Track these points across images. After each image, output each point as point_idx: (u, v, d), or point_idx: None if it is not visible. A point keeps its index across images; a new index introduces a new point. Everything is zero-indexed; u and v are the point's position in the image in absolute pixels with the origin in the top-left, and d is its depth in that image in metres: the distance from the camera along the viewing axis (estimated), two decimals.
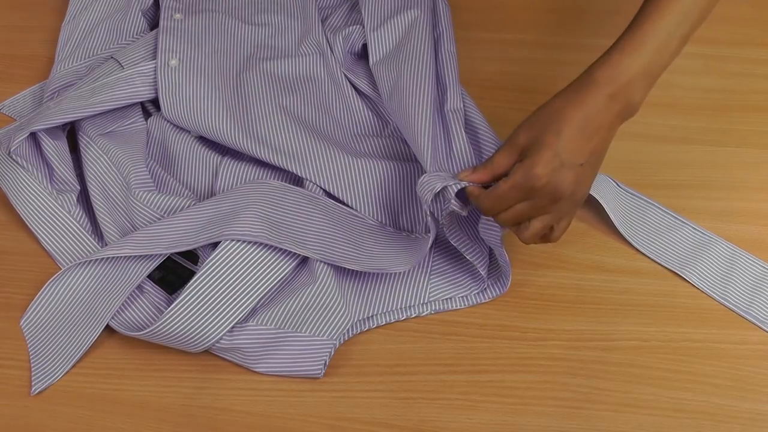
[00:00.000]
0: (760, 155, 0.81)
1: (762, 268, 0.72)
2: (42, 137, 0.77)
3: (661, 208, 0.76)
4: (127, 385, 0.67)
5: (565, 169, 0.60)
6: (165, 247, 0.69)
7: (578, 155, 0.61)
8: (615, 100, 0.61)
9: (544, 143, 0.60)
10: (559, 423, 0.64)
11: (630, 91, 0.61)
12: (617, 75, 0.61)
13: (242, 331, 0.67)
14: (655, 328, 0.69)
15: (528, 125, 0.63)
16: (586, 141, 0.61)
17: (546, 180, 0.60)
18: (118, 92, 0.80)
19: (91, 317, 0.68)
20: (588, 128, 0.61)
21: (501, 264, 0.70)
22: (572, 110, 0.61)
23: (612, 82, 0.61)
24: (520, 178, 0.61)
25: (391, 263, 0.69)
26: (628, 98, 0.61)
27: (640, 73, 0.61)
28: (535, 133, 0.62)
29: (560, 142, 0.60)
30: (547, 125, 0.61)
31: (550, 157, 0.60)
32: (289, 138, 0.78)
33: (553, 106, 0.62)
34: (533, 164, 0.60)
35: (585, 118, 0.61)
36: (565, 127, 0.61)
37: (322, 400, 0.66)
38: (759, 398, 0.65)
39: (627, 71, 0.61)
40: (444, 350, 0.68)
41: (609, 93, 0.61)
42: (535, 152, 0.61)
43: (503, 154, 0.64)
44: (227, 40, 0.87)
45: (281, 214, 0.71)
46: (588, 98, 0.61)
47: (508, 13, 0.94)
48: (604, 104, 0.61)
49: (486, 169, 0.64)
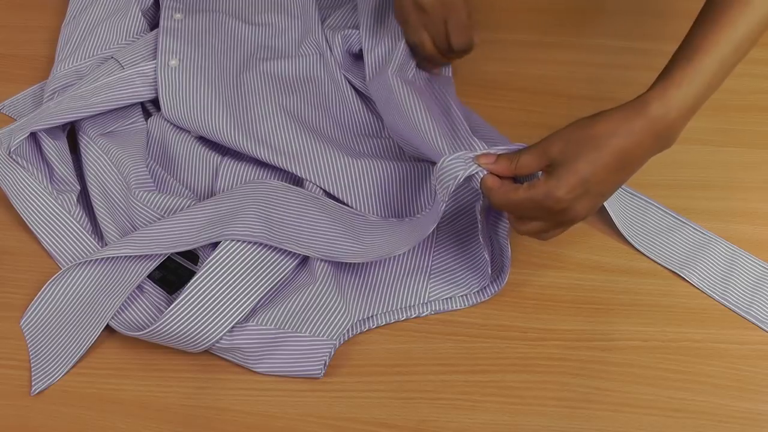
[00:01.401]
0: (760, 155, 0.81)
1: (762, 268, 0.72)
2: (42, 137, 0.77)
3: (661, 208, 0.76)
4: (128, 385, 0.67)
5: (587, 198, 0.59)
6: (165, 247, 0.69)
7: (605, 187, 0.60)
8: (660, 138, 0.59)
9: (576, 169, 0.58)
10: (559, 423, 0.64)
11: (675, 129, 0.59)
12: (669, 112, 0.58)
13: (242, 331, 0.67)
14: (655, 328, 0.69)
15: (565, 139, 0.60)
16: (618, 175, 0.60)
17: (566, 205, 0.59)
18: (118, 92, 0.80)
19: (92, 317, 0.68)
20: (625, 162, 0.59)
21: (502, 259, 0.70)
22: (616, 141, 0.58)
23: (663, 118, 0.58)
24: (540, 195, 0.59)
25: (394, 248, 0.69)
26: (672, 136, 0.60)
27: (687, 109, 0.59)
28: (569, 152, 0.59)
29: (593, 172, 0.58)
30: (584, 149, 0.58)
31: (577, 184, 0.58)
32: (289, 138, 0.78)
33: (595, 130, 0.59)
34: (558, 187, 0.58)
35: (626, 152, 0.58)
36: (603, 158, 0.58)
37: (322, 400, 0.66)
38: (759, 398, 0.65)
39: (677, 108, 0.58)
40: (444, 350, 0.68)
41: (657, 130, 0.58)
42: (563, 174, 0.58)
43: (531, 156, 0.61)
44: (227, 40, 0.87)
45: (281, 213, 0.71)
46: (635, 130, 0.58)
47: (508, 13, 0.94)
48: (649, 142, 0.59)
49: (510, 164, 0.62)
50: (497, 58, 0.89)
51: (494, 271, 0.71)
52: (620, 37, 0.90)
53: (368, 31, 0.82)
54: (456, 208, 0.74)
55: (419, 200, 0.74)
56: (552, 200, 0.59)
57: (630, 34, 0.91)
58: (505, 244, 0.68)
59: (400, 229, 0.72)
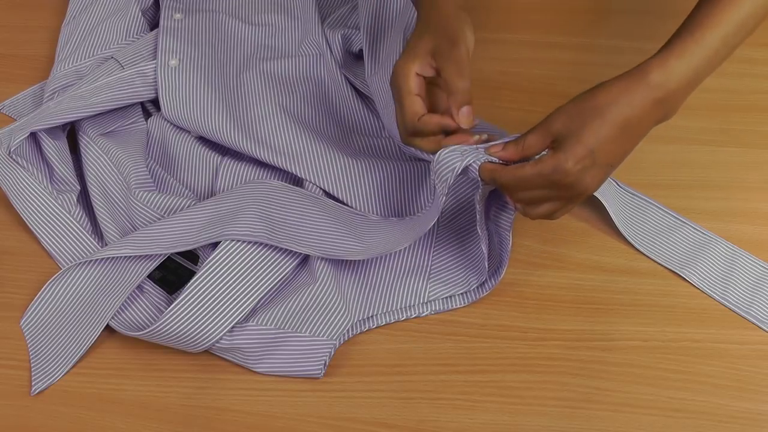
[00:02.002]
0: (760, 155, 0.81)
1: (762, 268, 0.72)
2: (42, 137, 0.77)
3: (662, 208, 0.76)
4: (127, 385, 0.67)
5: (595, 169, 0.59)
6: (165, 247, 0.69)
7: (612, 157, 0.60)
8: (660, 106, 0.59)
9: (581, 140, 0.58)
10: (559, 423, 0.64)
11: (675, 98, 0.60)
12: (669, 80, 0.59)
13: (242, 331, 0.67)
14: (655, 328, 0.69)
15: (566, 114, 0.60)
16: (623, 143, 0.59)
17: (574, 177, 0.59)
18: (118, 92, 0.80)
19: (92, 317, 0.68)
20: (628, 131, 0.59)
21: (501, 253, 0.69)
22: (616, 109, 0.59)
23: (663, 86, 0.59)
24: (548, 168, 0.59)
25: (395, 244, 0.69)
26: (672, 105, 0.60)
27: (688, 82, 0.59)
28: (573, 125, 0.59)
29: (598, 142, 0.58)
30: (588, 120, 0.59)
31: (585, 154, 0.58)
32: (289, 139, 0.78)
33: (596, 101, 0.59)
34: (566, 159, 0.58)
35: (628, 121, 0.59)
36: (606, 127, 0.58)
37: (322, 400, 0.66)
38: (759, 398, 0.65)
39: (678, 77, 0.59)
40: (444, 350, 0.68)
41: (658, 98, 0.59)
42: (569, 146, 0.59)
43: (535, 136, 0.61)
44: (227, 40, 0.87)
45: (281, 213, 0.71)
46: (635, 99, 0.59)
47: (508, 14, 0.94)
48: (649, 109, 0.59)
49: (516, 147, 0.62)
50: (497, 58, 0.89)
51: (493, 265, 0.70)
52: (620, 37, 0.90)
53: (368, 31, 0.82)
54: (455, 206, 0.74)
55: (419, 199, 0.74)
56: (561, 173, 0.58)
57: (630, 34, 0.90)
58: (507, 235, 0.67)
59: (401, 226, 0.72)
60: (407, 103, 0.64)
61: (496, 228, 0.69)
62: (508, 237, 0.67)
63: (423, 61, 0.64)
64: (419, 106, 0.65)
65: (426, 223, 0.67)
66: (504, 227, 0.67)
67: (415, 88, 0.65)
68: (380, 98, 0.78)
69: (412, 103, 0.64)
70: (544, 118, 0.61)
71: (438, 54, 0.64)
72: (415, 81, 0.65)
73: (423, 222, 0.68)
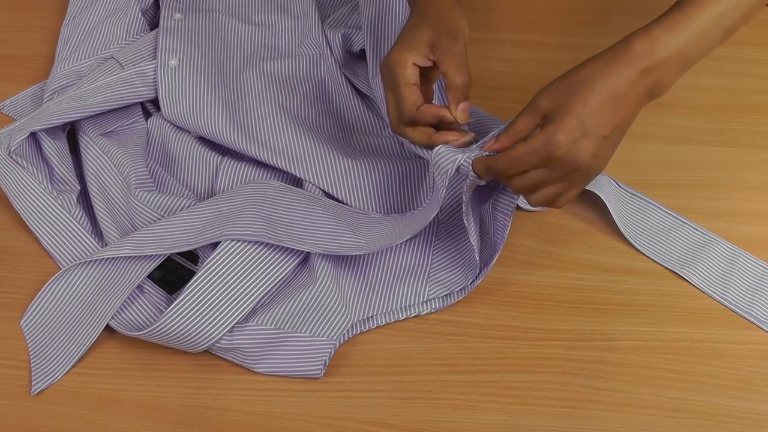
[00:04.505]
0: (759, 155, 0.81)
1: (762, 268, 0.72)
2: (42, 137, 0.77)
3: (661, 208, 0.76)
4: (127, 385, 0.67)
5: (587, 140, 0.58)
6: (165, 248, 0.69)
7: (603, 127, 0.59)
8: (647, 76, 0.59)
9: (569, 111, 0.58)
10: (559, 423, 0.64)
11: (664, 70, 0.59)
12: (654, 50, 0.58)
13: (242, 331, 0.67)
14: (655, 328, 0.69)
15: (552, 90, 0.60)
16: (612, 113, 0.59)
17: (567, 149, 0.58)
18: (118, 92, 0.80)
19: (92, 317, 0.68)
20: (616, 101, 0.58)
21: (494, 239, 0.68)
22: (602, 80, 0.58)
23: (648, 56, 0.58)
24: (540, 143, 0.58)
25: (395, 238, 0.69)
26: (661, 76, 0.59)
27: (677, 54, 0.59)
28: (559, 99, 0.59)
29: (586, 112, 0.58)
30: (573, 92, 0.58)
31: (574, 125, 0.58)
32: (289, 141, 0.78)
33: (582, 73, 0.59)
34: (555, 131, 0.58)
35: (614, 90, 0.58)
36: (593, 97, 0.58)
37: (322, 400, 0.66)
38: (759, 398, 0.65)
39: (665, 48, 0.58)
40: (444, 350, 0.68)
41: (643, 68, 0.58)
42: (558, 119, 0.58)
43: (525, 118, 0.61)
44: (227, 40, 0.87)
45: (282, 213, 0.71)
46: (621, 70, 0.58)
47: (508, 13, 0.94)
48: (635, 78, 0.58)
49: (508, 135, 0.61)
50: (497, 58, 0.89)
51: (487, 254, 0.69)
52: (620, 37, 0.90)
53: (370, 32, 0.82)
54: (453, 204, 0.74)
55: (420, 197, 0.74)
56: (552, 145, 0.58)
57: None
58: (505, 221, 0.66)
59: (402, 220, 0.72)
60: (405, 93, 0.64)
61: (494, 213, 0.67)
62: (506, 222, 0.66)
63: (420, 52, 0.64)
64: (417, 96, 0.65)
65: (426, 215, 0.67)
66: (502, 211, 0.66)
67: (412, 77, 0.65)
68: (382, 99, 0.78)
69: (410, 92, 0.64)
70: (531, 100, 0.61)
71: (437, 47, 0.64)
72: (413, 71, 0.65)
73: (423, 215, 0.68)
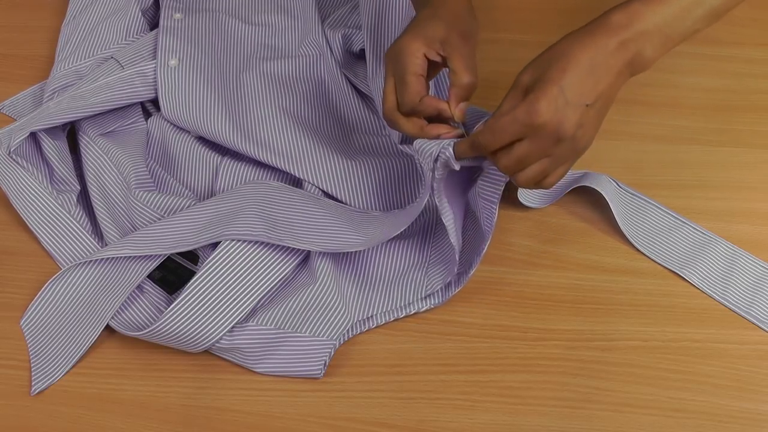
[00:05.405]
0: (759, 155, 0.81)
1: (762, 268, 0.72)
2: (42, 137, 0.77)
3: (661, 208, 0.76)
4: (127, 385, 0.67)
5: (569, 108, 0.58)
6: (165, 248, 0.69)
7: (584, 95, 0.58)
8: (626, 48, 0.59)
9: (549, 79, 0.58)
10: (559, 423, 0.64)
11: (643, 42, 0.59)
12: (632, 22, 0.58)
13: (242, 331, 0.67)
14: (655, 328, 0.69)
15: (533, 65, 0.60)
16: (593, 83, 0.59)
17: (549, 117, 0.57)
18: (118, 92, 0.80)
19: (92, 317, 0.68)
20: (595, 70, 0.58)
21: (484, 228, 0.67)
22: (580, 50, 0.58)
23: (626, 28, 0.58)
24: (521, 112, 0.58)
25: (392, 230, 0.69)
26: (640, 49, 0.59)
27: (656, 28, 0.59)
28: (539, 71, 0.59)
29: (566, 79, 0.58)
30: (552, 63, 0.59)
31: (555, 93, 0.57)
32: (290, 142, 0.78)
33: (560, 47, 0.60)
34: (536, 99, 0.57)
35: (593, 60, 0.58)
36: (572, 66, 0.58)
37: (322, 400, 0.66)
38: (759, 398, 0.65)
39: (644, 21, 0.58)
40: (444, 350, 0.68)
41: (621, 39, 0.58)
42: (538, 88, 0.58)
43: (509, 98, 0.61)
44: (227, 39, 0.87)
45: (281, 212, 0.71)
46: (598, 40, 0.58)
47: (508, 13, 0.94)
48: (614, 48, 0.58)
49: (495, 117, 0.61)
50: (497, 58, 0.89)
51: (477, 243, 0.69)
52: None
53: (370, 32, 0.82)
54: None
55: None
56: (534, 113, 0.57)
57: None
58: (491, 208, 0.66)
59: (399, 214, 0.72)
60: (411, 81, 0.64)
61: (480, 202, 0.67)
62: (493, 209, 0.65)
63: (432, 46, 0.65)
64: (422, 87, 0.65)
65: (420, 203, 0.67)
66: (488, 199, 0.66)
67: (420, 68, 0.65)
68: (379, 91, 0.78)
69: (416, 82, 0.64)
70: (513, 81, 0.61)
71: (447, 44, 0.64)
72: (422, 61, 0.65)
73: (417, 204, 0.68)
